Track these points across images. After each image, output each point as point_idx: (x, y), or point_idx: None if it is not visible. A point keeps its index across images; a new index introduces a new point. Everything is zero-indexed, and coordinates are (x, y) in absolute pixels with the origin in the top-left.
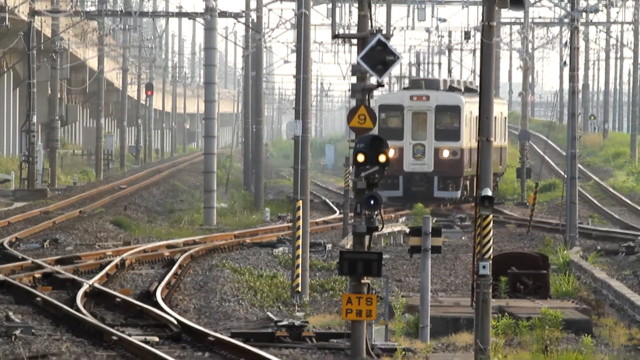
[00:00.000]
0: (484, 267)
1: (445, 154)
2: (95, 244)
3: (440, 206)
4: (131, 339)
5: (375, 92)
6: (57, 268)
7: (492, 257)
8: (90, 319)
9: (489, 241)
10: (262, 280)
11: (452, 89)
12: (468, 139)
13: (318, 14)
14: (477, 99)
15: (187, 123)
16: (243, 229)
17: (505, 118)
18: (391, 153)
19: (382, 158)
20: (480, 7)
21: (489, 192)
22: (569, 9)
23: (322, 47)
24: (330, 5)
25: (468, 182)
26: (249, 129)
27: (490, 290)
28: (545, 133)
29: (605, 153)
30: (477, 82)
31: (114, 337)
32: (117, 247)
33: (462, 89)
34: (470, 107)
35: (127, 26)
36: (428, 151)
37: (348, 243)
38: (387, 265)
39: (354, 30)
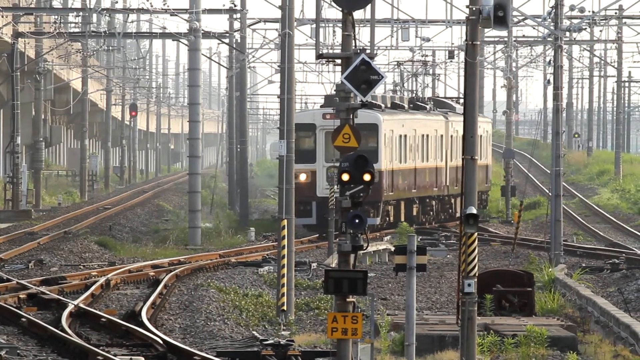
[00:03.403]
0: (469, 284)
1: None
2: (80, 265)
3: (426, 224)
4: (117, 359)
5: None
6: (42, 289)
7: (477, 274)
8: (75, 339)
9: (474, 259)
10: (247, 299)
11: (370, 105)
12: (388, 160)
13: (302, 34)
14: (400, 117)
15: (172, 143)
16: (228, 249)
17: (490, 135)
18: (303, 177)
19: (366, 177)
20: (464, 27)
21: (474, 210)
22: (552, 27)
23: (306, 67)
24: (314, 26)
25: (390, 208)
26: (233, 149)
27: (476, 308)
28: (529, 151)
29: (590, 171)
30: (405, 97)
31: (100, 357)
32: (102, 267)
33: (384, 105)
34: (390, 125)
35: (110, 47)
36: None
37: (333, 262)
38: (373, 284)
39: (337, 50)
